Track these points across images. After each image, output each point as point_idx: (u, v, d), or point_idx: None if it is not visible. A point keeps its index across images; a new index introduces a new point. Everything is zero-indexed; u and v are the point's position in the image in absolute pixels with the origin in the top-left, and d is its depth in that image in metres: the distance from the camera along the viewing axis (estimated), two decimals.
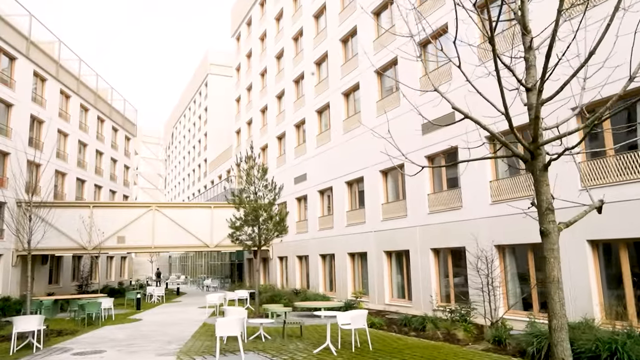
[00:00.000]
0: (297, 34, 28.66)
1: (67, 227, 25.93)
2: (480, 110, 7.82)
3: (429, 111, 17.13)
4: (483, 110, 8.32)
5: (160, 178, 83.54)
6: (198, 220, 28.67)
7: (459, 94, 15.35)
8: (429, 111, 17.13)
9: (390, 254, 19.38)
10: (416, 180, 17.57)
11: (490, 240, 13.93)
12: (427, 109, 17.24)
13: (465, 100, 9.75)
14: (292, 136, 28.52)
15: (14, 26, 26.45)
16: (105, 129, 39.54)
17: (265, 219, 16.49)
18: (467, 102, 13.71)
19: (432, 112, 16.90)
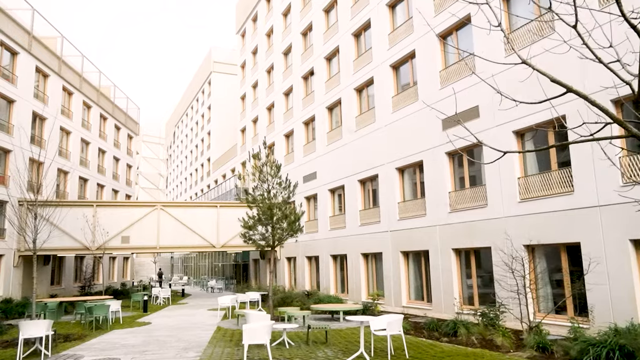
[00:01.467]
0: (306, 29, 27.98)
1: (70, 226, 25.20)
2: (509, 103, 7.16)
3: (448, 107, 16.52)
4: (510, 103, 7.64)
5: (162, 178, 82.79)
6: (204, 219, 27.97)
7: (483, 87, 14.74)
8: (448, 107, 16.52)
9: (408, 255, 18.70)
10: (436, 178, 16.91)
11: (519, 240, 13.26)
12: (447, 104, 16.63)
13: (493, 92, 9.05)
14: (300, 134, 27.84)
15: (16, 20, 25.75)
16: (107, 127, 38.83)
17: (280, 218, 15.80)
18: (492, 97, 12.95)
19: (452, 108, 16.29)
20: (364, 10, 21.87)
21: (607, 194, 11.26)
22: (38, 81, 28.39)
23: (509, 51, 14.25)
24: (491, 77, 14.70)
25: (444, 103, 16.69)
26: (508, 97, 4.62)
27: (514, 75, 13.85)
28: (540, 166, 13.67)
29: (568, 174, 12.36)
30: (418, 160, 17.94)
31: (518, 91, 13.87)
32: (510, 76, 14.04)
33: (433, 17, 17.47)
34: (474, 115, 15.30)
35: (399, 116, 19.16)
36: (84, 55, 34.29)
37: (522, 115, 13.52)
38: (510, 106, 9.08)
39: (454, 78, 16.39)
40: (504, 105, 11.33)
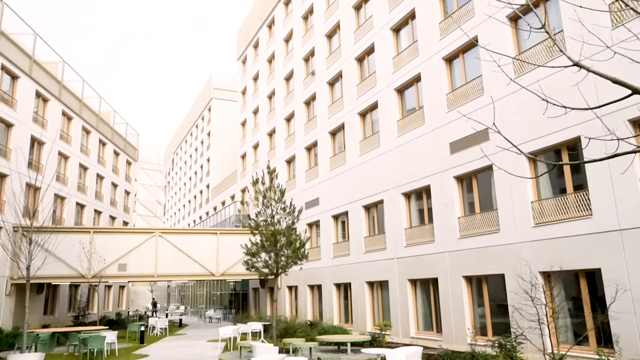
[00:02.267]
0: (308, 54, 27.95)
1: (65, 253, 24.47)
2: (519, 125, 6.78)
3: (456, 130, 16.20)
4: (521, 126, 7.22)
5: (159, 205, 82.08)
6: (203, 247, 27.29)
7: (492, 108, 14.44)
8: (456, 130, 16.20)
9: (415, 283, 18.06)
10: (444, 203, 16.44)
11: (535, 266, 12.70)
12: (455, 127, 16.31)
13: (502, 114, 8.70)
14: (302, 159, 27.47)
15: (18, 44, 25.63)
16: (106, 152, 38.46)
17: (284, 244, 15.23)
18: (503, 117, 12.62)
19: (460, 131, 15.97)
20: (368, 35, 21.80)
21: (628, 216, 10.79)
22: (38, 105, 28.12)
23: (519, 72, 13.98)
24: (499, 99, 14.47)
25: (451, 126, 16.38)
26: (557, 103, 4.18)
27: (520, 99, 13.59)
28: (554, 189, 13.23)
29: (585, 197, 11.91)
30: (425, 185, 17.51)
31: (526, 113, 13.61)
32: (517, 99, 13.78)
33: (439, 40, 17.32)
34: (484, 138, 14.94)
35: (404, 140, 18.82)
36: (84, 81, 34.19)
37: (534, 137, 13.16)
38: (558, 113, 8.64)
39: (462, 101, 16.11)
40: (551, 113, 10.92)
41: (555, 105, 4.17)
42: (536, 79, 13.10)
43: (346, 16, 23.84)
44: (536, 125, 12.83)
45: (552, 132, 12.50)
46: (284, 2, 32.06)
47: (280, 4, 32.44)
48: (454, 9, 16.94)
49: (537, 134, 13.11)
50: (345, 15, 23.96)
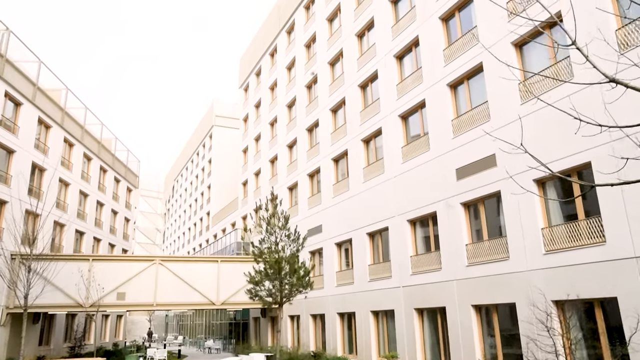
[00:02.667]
0: (311, 81, 28.10)
1: (63, 282, 23.96)
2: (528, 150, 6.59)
3: (462, 156, 16.06)
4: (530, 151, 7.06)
5: (158, 233, 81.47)
6: (203, 275, 26.78)
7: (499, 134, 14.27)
8: (462, 156, 16.06)
9: (422, 312, 17.61)
10: (451, 230, 16.17)
11: (547, 295, 12.35)
12: (461, 153, 16.18)
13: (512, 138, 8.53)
14: (305, 186, 27.28)
15: (22, 72, 25.75)
16: (107, 179, 38.28)
17: (288, 272, 14.88)
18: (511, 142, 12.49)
19: (467, 157, 15.83)
20: (371, 62, 21.91)
21: None
22: (40, 132, 28.08)
23: (525, 98, 13.92)
24: (506, 125, 14.37)
25: (457, 152, 16.25)
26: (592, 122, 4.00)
27: (528, 124, 13.49)
28: (565, 216, 12.99)
29: (597, 223, 11.66)
30: (431, 211, 17.26)
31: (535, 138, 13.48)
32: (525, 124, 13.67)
33: (443, 66, 17.36)
34: (491, 164, 14.79)
35: (409, 167, 18.66)
36: (87, 108, 34.27)
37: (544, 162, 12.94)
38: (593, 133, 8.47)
39: (467, 127, 16.01)
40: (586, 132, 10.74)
41: (589, 123, 3.99)
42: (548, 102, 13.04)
43: (349, 44, 24.04)
44: (545, 150, 12.66)
45: (561, 157, 12.32)
46: (287, 31, 32.44)
47: (283, 33, 32.82)
48: (458, 36, 17.03)
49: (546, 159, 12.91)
50: (348, 43, 24.16)
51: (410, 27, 19.46)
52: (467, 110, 16.30)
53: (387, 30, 20.96)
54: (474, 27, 16.14)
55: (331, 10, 26.26)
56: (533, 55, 14.29)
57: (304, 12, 29.95)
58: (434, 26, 18.06)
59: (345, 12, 24.64)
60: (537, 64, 14.09)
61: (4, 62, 24.22)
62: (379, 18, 21.65)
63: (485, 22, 15.63)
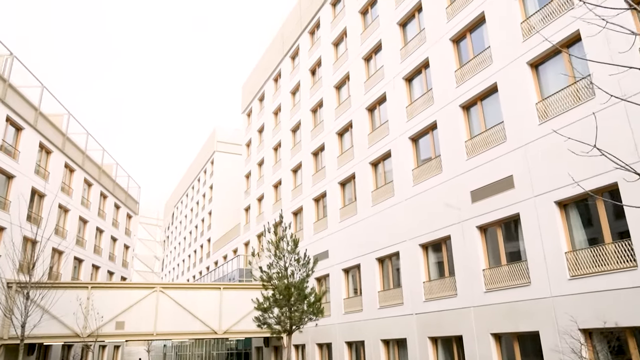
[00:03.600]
0: (316, 105, 27.87)
1: (60, 311, 23.08)
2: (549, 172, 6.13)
3: (477, 178, 15.63)
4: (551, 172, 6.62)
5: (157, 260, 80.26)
6: (205, 303, 25.91)
7: (516, 155, 13.91)
8: (477, 178, 15.63)
9: (436, 341, 16.85)
10: (467, 254, 15.59)
11: (574, 323, 11.71)
12: (475, 175, 15.75)
13: None
14: (310, 211, 26.73)
15: (24, 96, 25.48)
16: (107, 205, 37.69)
17: (298, 298, 14.22)
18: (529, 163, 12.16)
19: (482, 179, 15.40)
20: (379, 85, 21.69)
21: None
22: (40, 157, 27.65)
23: (543, 118, 13.56)
24: (524, 146, 13.98)
25: (471, 174, 15.81)
26: None
27: (548, 144, 13.09)
28: (589, 239, 12.45)
29: (628, 246, 11.12)
30: (445, 235, 16.71)
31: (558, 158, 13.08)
32: (544, 145, 13.29)
33: (455, 87, 17.08)
34: (508, 186, 14.33)
35: (420, 189, 18.19)
36: (88, 133, 33.95)
37: (565, 183, 12.49)
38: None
39: (482, 148, 15.61)
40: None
41: None
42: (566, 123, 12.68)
43: (356, 67, 23.88)
44: (568, 171, 12.20)
45: (587, 177, 11.84)
46: (291, 57, 32.43)
47: (287, 59, 32.81)
48: (470, 57, 16.81)
49: (568, 180, 12.45)
50: (354, 66, 24.01)
51: (419, 49, 19.29)
52: (481, 132, 15.92)
53: (395, 53, 20.80)
54: (487, 48, 15.92)
55: (337, 35, 26.23)
56: (550, 75, 13.98)
57: (308, 37, 29.96)
58: (444, 48, 17.87)
59: (352, 35, 24.58)
60: (554, 83, 13.77)
61: (7, 87, 23.97)
62: (387, 41, 21.53)
63: (498, 42, 15.41)
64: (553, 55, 13.71)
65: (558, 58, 13.67)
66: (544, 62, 14.10)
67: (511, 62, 14.76)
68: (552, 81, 13.82)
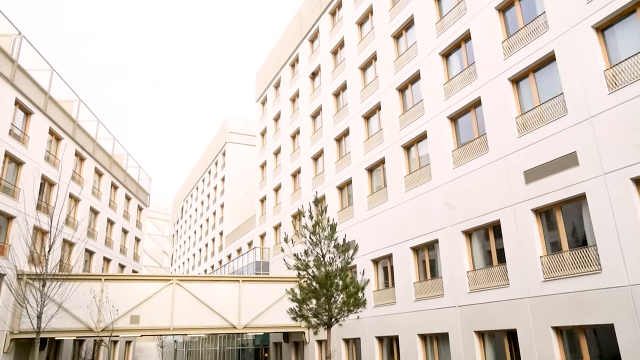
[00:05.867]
0: (339, 89, 26.47)
1: (72, 304, 21.89)
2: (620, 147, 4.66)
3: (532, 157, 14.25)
4: None
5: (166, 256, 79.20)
6: (223, 296, 24.63)
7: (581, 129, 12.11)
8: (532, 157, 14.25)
9: (483, 335, 15.50)
10: (520, 240, 14.21)
11: None
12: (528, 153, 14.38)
13: None
14: (334, 199, 25.37)
15: (33, 79, 24.23)
16: (118, 196, 36.50)
17: (340, 288, 12.91)
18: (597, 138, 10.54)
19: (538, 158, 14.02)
20: (411, 63, 20.27)
21: None
22: (50, 144, 26.43)
23: (613, 87, 12.13)
24: (590, 118, 12.58)
25: (525, 153, 14.41)
26: None
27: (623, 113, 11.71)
28: None
29: None
30: (493, 220, 15.32)
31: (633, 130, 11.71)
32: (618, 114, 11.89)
33: (503, 60, 15.67)
34: (571, 164, 12.93)
35: (462, 172, 16.81)
36: (99, 121, 32.71)
37: None
38: None
39: (537, 124, 14.19)
40: None
41: None
42: None
43: (384, 46, 22.47)
44: None
45: None
46: (309, 40, 31.04)
47: (305, 42, 31.42)
48: (520, 27, 15.38)
49: None
50: (382, 45, 22.59)
51: (458, 21, 17.87)
52: (535, 106, 14.50)
53: (430, 28, 19.38)
54: (541, 14, 14.49)
55: (361, 13, 24.79)
56: (619, 38, 12.54)
57: (329, 18, 28.55)
58: (489, 18, 16.43)
59: (378, 13, 23.15)
60: (625, 47, 12.34)
61: (15, 68, 22.74)
62: (420, 16, 20.12)
63: (555, 7, 13.97)
64: (624, 16, 12.28)
65: (631, 19, 12.23)
66: (612, 25, 12.66)
67: (573, 27, 13.32)
68: (623, 45, 12.39)
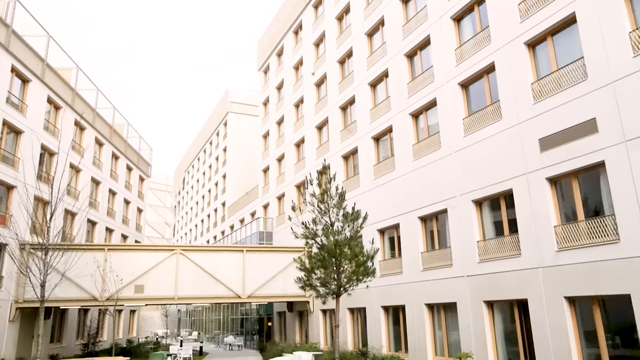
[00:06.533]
0: (344, 56, 25.74)
1: (77, 274, 21.80)
2: None
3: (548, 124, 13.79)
4: None
5: (168, 227, 79.36)
6: (227, 266, 24.60)
7: (601, 94, 11.55)
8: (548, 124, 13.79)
9: (492, 305, 15.34)
10: (533, 209, 13.86)
11: None
12: (544, 120, 13.90)
13: None
14: (339, 169, 24.94)
15: (29, 45, 23.50)
16: (119, 166, 36.10)
17: (349, 257, 12.64)
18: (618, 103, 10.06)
19: (554, 125, 13.56)
20: (421, 27, 19.57)
21: None
22: (49, 113, 25.87)
23: (639, 49, 11.58)
24: (612, 83, 12.06)
25: (540, 119, 13.93)
26: None
27: None
28: None
29: None
30: (505, 189, 14.96)
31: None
32: None
33: (519, 23, 15.02)
34: (589, 131, 12.47)
35: (473, 140, 16.36)
36: (99, 90, 32.02)
37: None
38: None
39: (554, 90, 13.66)
40: None
41: None
42: None
43: (391, 11, 21.69)
44: None
45: None
46: (314, 5, 30.09)
47: (309, 7, 30.47)
48: None
49: None
50: (390, 10, 21.81)
51: None
52: (552, 71, 13.94)
53: None
54: None
55: None
56: None
57: None
58: None
59: None
60: None
61: (10, 33, 22.01)
62: None
63: None
64: None
65: None
66: None
67: None
68: None
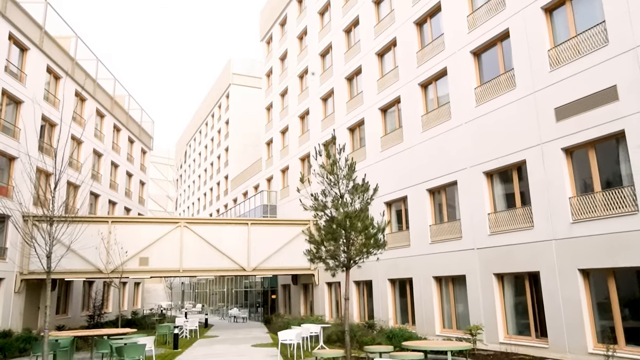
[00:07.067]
0: (350, 25, 25.02)
1: (81, 246, 21.60)
2: None
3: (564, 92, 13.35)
4: None
5: (170, 200, 79.34)
6: (232, 239, 24.45)
7: (622, 60, 11.07)
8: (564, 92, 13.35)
9: (502, 277, 15.18)
10: (547, 180, 13.55)
11: None
12: (561, 89, 13.45)
13: None
14: (344, 141, 24.54)
15: (27, 12, 22.83)
16: (121, 139, 35.70)
17: (360, 229, 12.39)
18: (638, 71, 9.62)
19: (571, 93, 13.12)
20: None
21: None
22: (49, 83, 25.34)
23: None
24: (634, 49, 11.57)
25: (557, 88, 13.48)
26: None
27: None
28: None
29: None
30: (517, 160, 14.61)
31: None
32: None
33: None
34: (609, 99, 12.04)
35: (485, 110, 15.93)
36: (99, 60, 31.38)
37: None
38: None
39: (572, 57, 13.17)
40: None
41: None
42: None
43: None
44: None
45: None
46: None
47: None
48: None
49: None
50: None
51: None
52: (570, 37, 13.42)
53: None
54: None
55: None
56: None
57: None
58: None
59: None
60: None
61: None
62: None
63: None
64: None
65: None
66: None
67: None
68: None
